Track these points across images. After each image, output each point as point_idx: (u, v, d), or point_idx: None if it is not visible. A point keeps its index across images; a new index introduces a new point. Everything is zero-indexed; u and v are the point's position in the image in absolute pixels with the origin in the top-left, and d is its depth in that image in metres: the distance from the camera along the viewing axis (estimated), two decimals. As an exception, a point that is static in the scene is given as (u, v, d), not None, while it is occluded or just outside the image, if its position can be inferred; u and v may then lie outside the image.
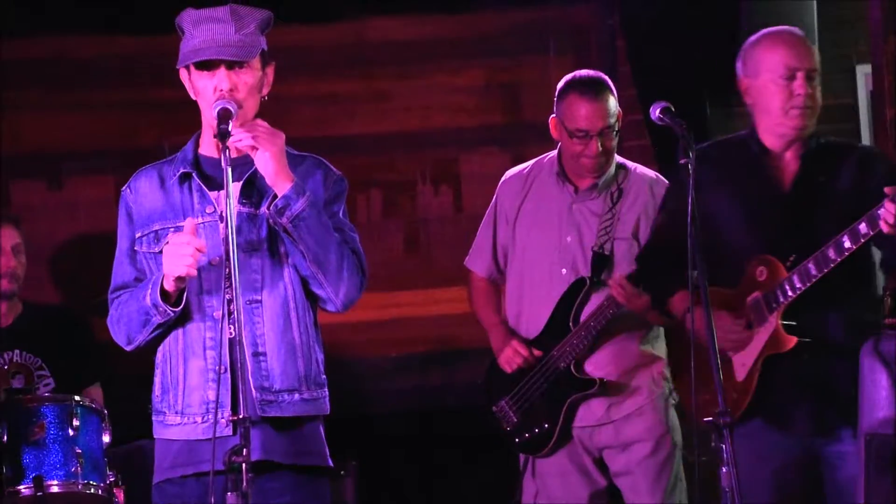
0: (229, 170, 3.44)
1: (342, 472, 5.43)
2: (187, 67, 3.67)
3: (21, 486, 4.31)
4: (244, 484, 3.25)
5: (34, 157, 6.08)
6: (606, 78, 4.76)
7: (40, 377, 5.14)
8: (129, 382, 4.17)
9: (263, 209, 3.62)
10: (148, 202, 3.72)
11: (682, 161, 3.69)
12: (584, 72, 4.80)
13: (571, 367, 4.69)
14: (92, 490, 4.39)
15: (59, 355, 5.19)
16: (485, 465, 5.78)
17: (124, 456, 4.75)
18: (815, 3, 5.91)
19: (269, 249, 3.67)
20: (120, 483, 4.52)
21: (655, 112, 3.86)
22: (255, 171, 3.63)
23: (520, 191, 4.87)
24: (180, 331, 3.67)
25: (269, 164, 3.57)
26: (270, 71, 3.74)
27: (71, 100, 6.09)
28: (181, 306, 3.61)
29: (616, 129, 4.71)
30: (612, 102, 4.70)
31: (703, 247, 3.77)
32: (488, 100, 6.30)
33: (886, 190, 3.62)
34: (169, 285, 3.58)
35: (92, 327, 5.33)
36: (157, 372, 3.73)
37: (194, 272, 3.54)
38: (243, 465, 3.25)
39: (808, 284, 3.86)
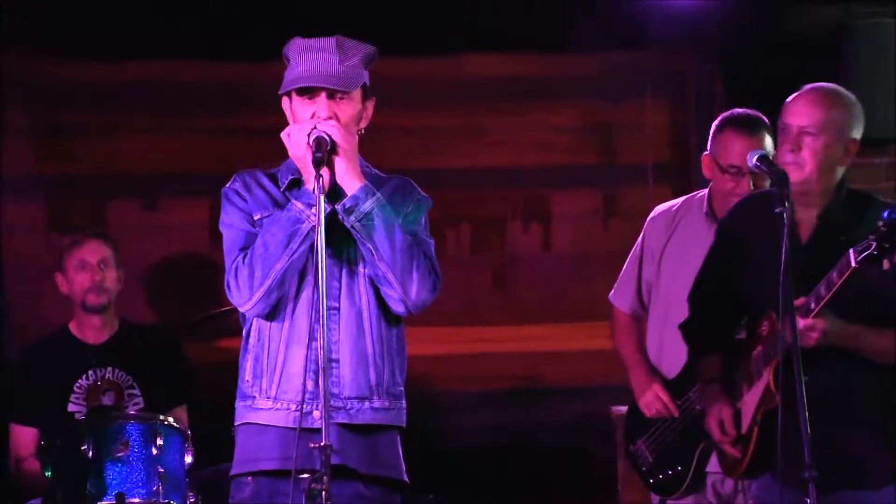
0: (321, 197, 3.48)
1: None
2: (289, 95, 3.73)
3: (103, 503, 4.33)
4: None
5: (131, 179, 6.15)
6: (764, 118, 4.71)
7: (130, 395, 5.18)
8: (217, 407, 4.17)
9: (337, 207, 3.65)
10: (262, 192, 3.77)
11: (777, 210, 3.65)
12: (741, 109, 4.77)
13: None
14: (172, 509, 4.41)
15: (150, 375, 5.23)
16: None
17: (207, 478, 4.76)
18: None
19: (347, 258, 3.72)
20: (200, 504, 4.54)
21: (752, 159, 3.83)
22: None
23: (667, 228, 4.83)
24: (287, 315, 3.69)
25: (340, 162, 3.64)
26: (371, 105, 3.80)
27: (171, 124, 6.15)
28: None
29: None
30: (769, 142, 4.64)
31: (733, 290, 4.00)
32: (582, 140, 6.27)
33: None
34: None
35: (184, 349, 5.37)
36: (249, 357, 3.74)
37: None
38: (322, 492, 3.27)
39: (784, 350, 3.76)
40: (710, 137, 4.72)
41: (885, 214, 3.59)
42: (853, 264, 3.63)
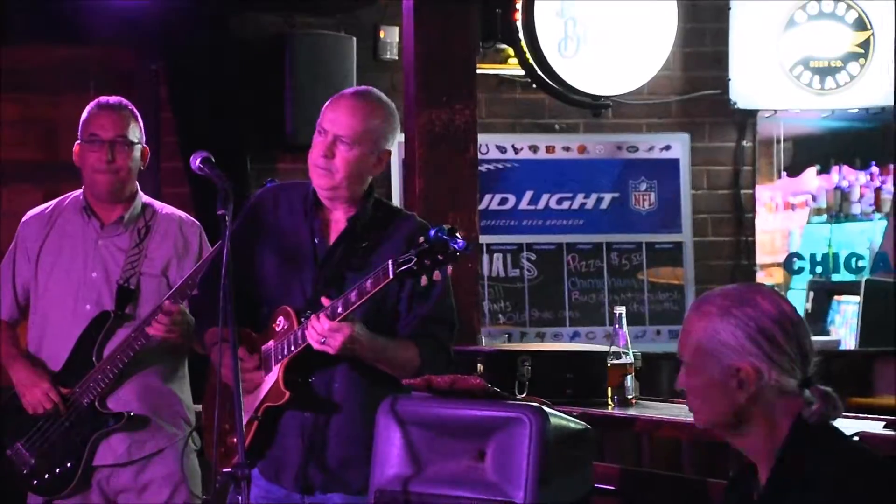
0: None
1: None
2: None
3: None
4: None
5: None
6: (131, 105, 4.67)
7: None
8: None
9: None
10: None
11: (220, 212, 3.62)
12: (109, 97, 4.70)
13: (96, 403, 4.53)
14: None
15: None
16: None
17: None
18: (355, 79, 6.09)
19: None
20: None
21: (196, 162, 3.80)
22: None
23: (42, 229, 4.68)
24: None
25: None
26: None
27: None
28: None
29: (135, 152, 4.60)
30: (134, 126, 4.61)
31: (249, 289, 3.89)
32: (24, 135, 6.12)
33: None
34: None
35: None
36: None
37: None
38: None
39: (302, 346, 3.84)
40: (80, 127, 4.65)
41: (432, 233, 3.61)
42: (390, 276, 3.64)
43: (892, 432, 3.58)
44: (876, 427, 3.64)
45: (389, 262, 3.65)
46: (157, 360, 4.60)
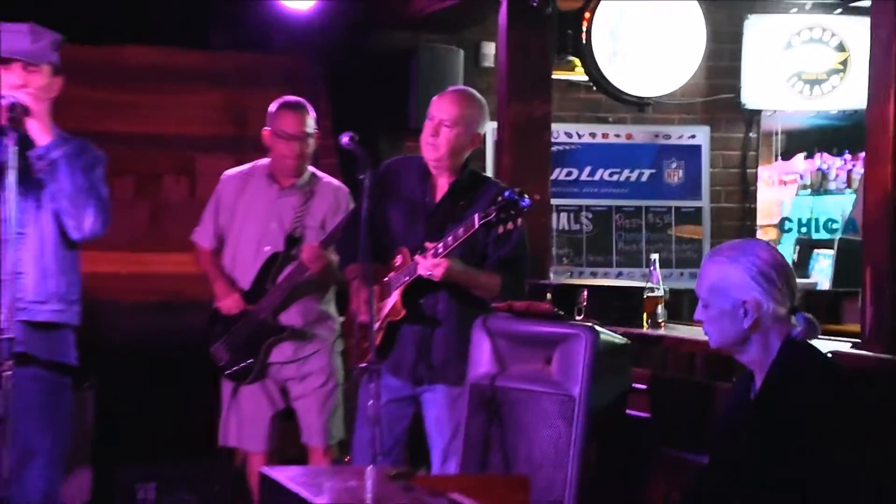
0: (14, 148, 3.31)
1: (85, 385, 5.17)
2: None
3: None
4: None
5: None
6: (307, 103, 4.75)
7: None
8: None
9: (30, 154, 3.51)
10: None
11: (360, 176, 3.66)
12: (291, 97, 4.78)
13: (269, 318, 4.64)
14: None
15: None
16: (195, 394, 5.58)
17: None
18: (461, 81, 6.05)
19: (36, 195, 3.56)
20: None
21: (344, 139, 3.81)
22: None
23: (238, 185, 4.79)
24: None
25: (32, 122, 3.50)
26: (59, 81, 3.64)
27: None
28: None
29: (311, 140, 4.68)
30: (310, 120, 4.69)
31: (378, 235, 3.91)
32: (223, 116, 6.19)
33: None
34: None
35: None
36: None
37: None
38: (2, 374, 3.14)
39: (414, 276, 3.88)
40: (268, 117, 4.71)
41: (507, 194, 3.66)
42: (476, 225, 3.71)
43: (855, 350, 3.58)
44: (844, 347, 3.63)
45: (476, 215, 3.72)
46: (312, 288, 4.69)
